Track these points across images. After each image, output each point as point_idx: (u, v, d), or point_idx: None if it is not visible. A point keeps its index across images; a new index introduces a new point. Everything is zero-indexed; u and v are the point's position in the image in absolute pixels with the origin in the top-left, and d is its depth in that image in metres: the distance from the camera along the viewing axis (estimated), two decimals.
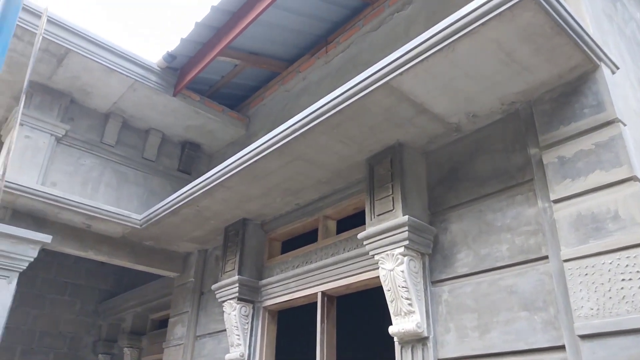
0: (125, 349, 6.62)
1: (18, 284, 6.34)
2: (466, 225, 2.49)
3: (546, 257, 2.13)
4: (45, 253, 6.79)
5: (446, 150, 2.75)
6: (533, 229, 2.22)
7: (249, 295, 3.68)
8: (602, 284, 1.85)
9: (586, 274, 1.89)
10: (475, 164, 2.56)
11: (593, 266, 1.89)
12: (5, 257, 3.62)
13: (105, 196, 4.47)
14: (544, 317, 2.06)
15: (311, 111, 2.63)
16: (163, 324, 5.85)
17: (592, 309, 1.85)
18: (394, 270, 2.56)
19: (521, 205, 2.30)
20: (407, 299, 2.51)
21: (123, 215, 4.05)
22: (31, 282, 6.66)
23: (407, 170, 2.73)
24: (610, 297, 1.82)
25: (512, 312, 2.17)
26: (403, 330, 2.48)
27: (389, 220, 2.62)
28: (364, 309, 5.84)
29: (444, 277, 2.50)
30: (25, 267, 3.71)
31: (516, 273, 2.21)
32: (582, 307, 1.87)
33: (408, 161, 2.76)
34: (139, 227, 4.08)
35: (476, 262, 2.38)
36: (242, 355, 3.50)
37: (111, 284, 7.49)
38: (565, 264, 1.97)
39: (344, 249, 3.23)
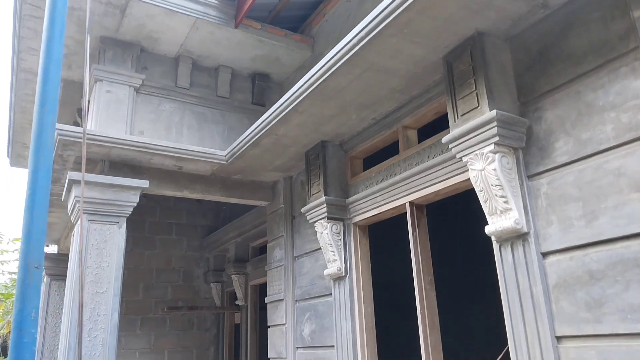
0: (233, 276, 7.16)
1: (129, 229, 6.96)
2: (563, 111, 2.28)
3: None
4: (147, 199, 7.37)
5: (533, 31, 2.48)
6: None
7: (338, 213, 3.75)
8: None
9: None
10: (568, 41, 2.30)
11: None
12: (111, 205, 3.94)
13: (189, 138, 4.66)
14: None
15: (376, 14, 2.46)
16: (263, 250, 6.20)
17: None
18: (485, 170, 2.45)
19: (626, 77, 2.04)
20: (502, 197, 2.40)
21: (208, 153, 4.20)
22: (140, 226, 7.30)
23: (490, 61, 2.52)
24: None
25: (621, 196, 2.01)
26: (500, 229, 2.41)
27: (475, 119, 2.47)
28: (458, 215, 5.78)
29: (541, 169, 2.35)
30: (130, 212, 4.02)
31: (624, 153, 2.02)
32: None
33: (490, 51, 2.54)
34: (225, 162, 4.23)
35: (577, 148, 2.20)
36: (340, 269, 3.62)
37: (210, 219, 8.01)
38: None
39: (428, 157, 3.13)
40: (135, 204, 4.07)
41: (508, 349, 2.41)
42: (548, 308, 2.23)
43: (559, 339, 2.19)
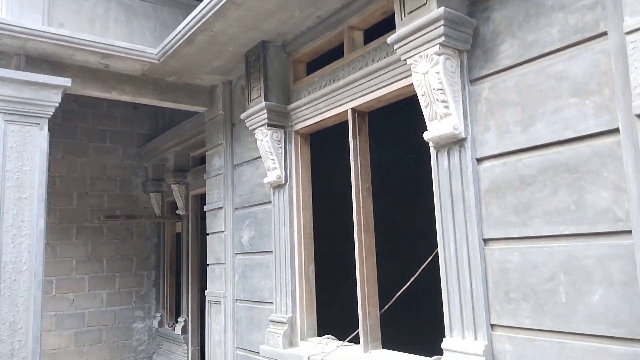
0: (173, 186, 7.00)
1: (59, 135, 6.52)
2: (511, 11, 2.18)
3: (604, 34, 1.86)
4: (77, 103, 6.89)
5: None
6: (590, 2, 1.90)
7: (279, 120, 3.61)
8: None
9: None
10: None
11: None
12: (31, 105, 3.59)
13: (116, 33, 4.25)
14: (597, 100, 1.87)
15: None
16: (204, 160, 6.03)
17: None
18: (429, 73, 2.35)
19: None
20: (443, 101, 2.34)
21: (138, 51, 3.85)
22: (71, 132, 6.87)
23: None
24: None
25: (560, 100, 1.99)
26: (439, 134, 2.37)
27: (422, 17, 2.33)
28: (398, 123, 5.78)
29: (484, 73, 2.28)
30: (52, 113, 3.69)
31: (568, 57, 1.97)
32: None
33: None
34: (156, 62, 3.91)
35: (522, 51, 2.13)
36: (279, 177, 3.55)
37: (148, 127, 7.65)
38: (628, 37, 1.71)
39: (373, 60, 2.99)
40: (57, 104, 3.73)
41: (437, 251, 2.47)
42: (478, 212, 2.27)
43: (485, 241, 2.25)
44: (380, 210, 3.51)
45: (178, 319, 7.05)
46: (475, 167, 2.31)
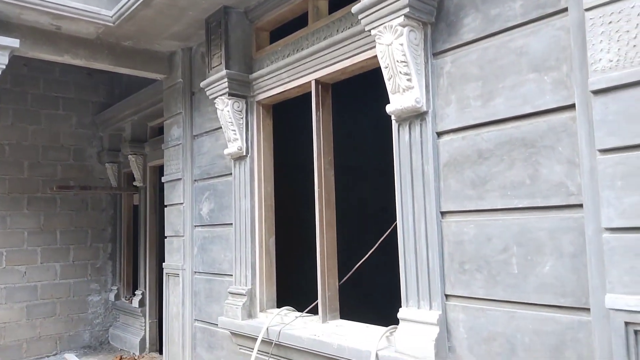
0: (130, 156, 6.79)
1: (7, 101, 6.18)
2: None
3: (565, 10, 1.87)
4: (28, 68, 6.53)
5: None
6: None
7: (240, 90, 3.52)
8: (628, 31, 1.63)
9: (610, 22, 1.66)
10: None
11: (620, 12, 1.65)
12: None
13: None
14: (555, 76, 1.90)
15: None
16: (162, 130, 5.86)
17: (611, 61, 1.67)
18: (392, 45, 2.33)
19: None
20: (405, 74, 2.33)
21: (91, 12, 3.65)
22: (22, 98, 6.53)
23: None
24: (634, 45, 1.62)
25: (520, 76, 2.01)
26: (401, 107, 2.36)
27: None
28: (362, 96, 5.75)
29: (447, 46, 2.28)
30: None
31: (528, 32, 1.98)
32: (599, 59, 1.69)
33: None
34: (112, 24, 3.72)
35: (484, 25, 2.13)
36: (240, 149, 3.49)
37: (103, 95, 7.35)
38: (587, 14, 1.73)
39: (337, 30, 2.94)
40: (4, 66, 3.52)
41: (396, 224, 2.49)
42: (437, 186, 2.30)
43: (443, 214, 2.28)
44: (342, 184, 3.51)
45: (135, 292, 6.94)
46: (436, 141, 2.32)
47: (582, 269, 1.81)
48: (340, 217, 3.17)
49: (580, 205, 1.82)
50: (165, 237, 4.41)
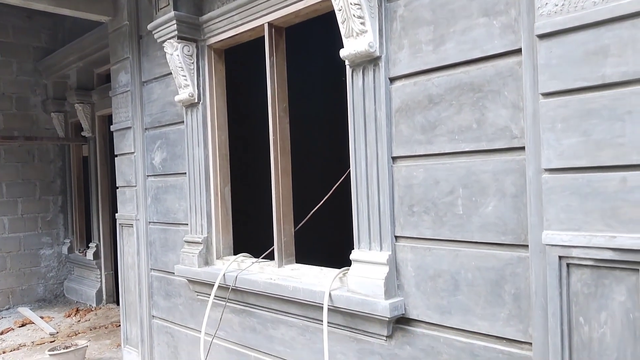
0: (77, 105, 6.51)
1: None
2: None
3: None
4: None
5: None
6: None
7: (190, 33, 3.38)
8: None
9: None
10: None
11: None
12: None
13: None
14: (504, 21, 1.92)
15: None
16: (110, 78, 5.61)
17: (556, 5, 1.69)
18: None
19: None
20: (359, 17, 2.29)
21: None
22: None
23: None
24: None
25: (470, 20, 2.02)
26: (354, 52, 2.34)
27: None
28: (316, 41, 5.64)
29: None
30: None
31: None
32: (546, 4, 1.71)
33: None
34: None
35: None
36: (192, 96, 3.39)
37: (45, 40, 6.93)
38: None
39: None
40: None
41: (350, 172, 2.52)
42: (388, 131, 2.33)
43: (394, 159, 2.33)
44: (297, 132, 3.49)
45: (89, 245, 6.84)
46: (388, 87, 2.33)
47: (522, 209, 1.91)
48: (297, 165, 3.17)
49: (523, 148, 1.89)
50: (117, 188, 4.31)
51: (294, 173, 3.13)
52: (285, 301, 2.81)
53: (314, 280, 2.73)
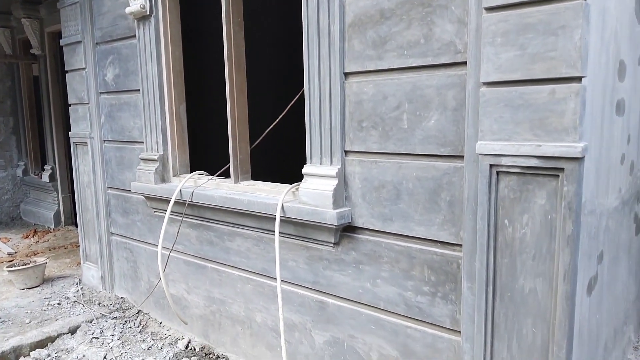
0: (24, 20, 6.15)
1: None
2: None
3: None
4: None
5: None
6: None
7: None
8: None
9: None
10: None
11: None
12: None
13: None
14: None
15: None
16: None
17: None
18: None
19: None
20: None
21: None
22: None
23: None
24: None
25: None
26: None
27: None
28: None
29: None
30: None
31: None
32: None
33: None
34: None
35: None
36: (144, 7, 3.27)
37: None
38: None
39: None
40: None
41: (304, 90, 2.56)
42: (341, 47, 2.35)
43: (346, 75, 2.37)
44: (253, 49, 3.45)
45: (44, 167, 6.72)
46: (342, 1, 2.33)
47: (461, 121, 2.02)
48: (253, 83, 3.17)
49: (465, 63, 1.97)
50: (70, 105, 4.20)
51: (250, 91, 3.14)
52: (240, 214, 2.92)
53: (268, 194, 2.83)
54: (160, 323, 3.73)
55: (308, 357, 2.76)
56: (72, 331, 3.63)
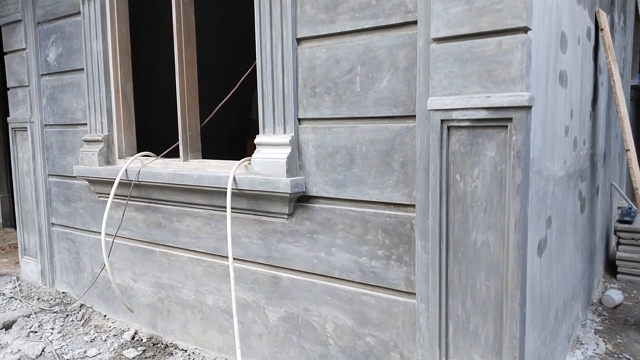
0: None
1: None
2: None
3: None
4: None
5: None
6: None
7: None
8: None
9: None
10: None
11: None
12: None
13: None
14: None
15: None
16: None
17: None
18: None
19: None
20: None
21: None
22: None
23: None
24: None
25: None
26: None
27: None
28: None
29: None
30: None
31: None
32: None
33: None
34: None
35: None
36: None
37: None
38: None
39: None
40: None
41: (255, 64, 2.51)
42: (293, 12, 2.33)
43: (298, 41, 2.35)
44: (203, 19, 3.38)
45: None
46: None
47: (412, 81, 2.03)
48: (203, 58, 3.09)
49: (415, 22, 1.99)
50: (8, 89, 3.97)
51: (201, 66, 3.06)
52: (190, 191, 2.82)
53: (219, 170, 2.75)
54: (105, 316, 3.53)
55: (262, 336, 2.68)
56: (7, 326, 3.39)
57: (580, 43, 2.87)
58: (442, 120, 1.89)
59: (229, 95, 2.90)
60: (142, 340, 3.21)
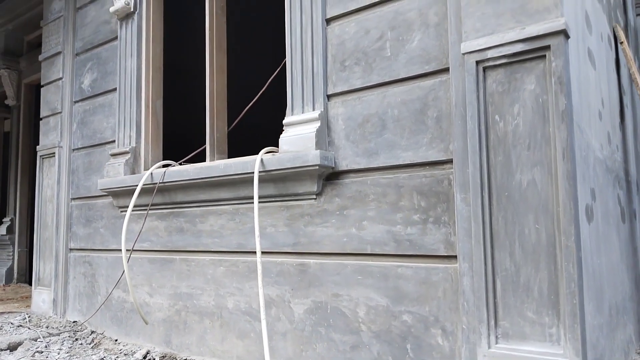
0: (2, 71, 6.21)
1: None
2: None
3: None
4: None
5: None
6: None
7: None
8: None
9: None
10: None
11: None
12: None
13: None
14: None
15: None
16: (40, 44, 5.42)
17: None
18: None
19: None
20: None
21: None
22: None
23: None
24: None
25: None
26: None
27: None
28: None
29: None
30: None
31: None
32: None
33: None
34: None
35: None
36: (128, 4, 3.37)
37: None
38: None
39: None
40: None
41: (285, 62, 2.57)
42: None
43: (328, 21, 2.42)
44: (232, 29, 3.50)
45: (3, 220, 6.34)
46: None
47: (444, 34, 2.04)
48: (232, 62, 3.18)
49: None
50: (41, 119, 4.10)
51: (231, 70, 3.14)
52: (215, 186, 2.75)
53: (245, 159, 2.71)
54: (116, 340, 3.29)
55: (286, 335, 2.44)
56: (13, 348, 3.16)
57: (604, 41, 2.90)
58: (477, 62, 1.86)
59: (255, 98, 2.94)
60: (154, 359, 2.95)
